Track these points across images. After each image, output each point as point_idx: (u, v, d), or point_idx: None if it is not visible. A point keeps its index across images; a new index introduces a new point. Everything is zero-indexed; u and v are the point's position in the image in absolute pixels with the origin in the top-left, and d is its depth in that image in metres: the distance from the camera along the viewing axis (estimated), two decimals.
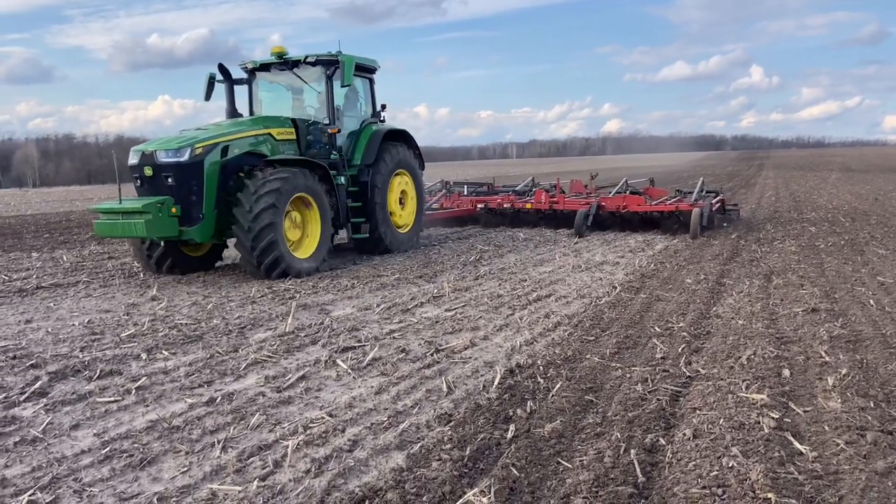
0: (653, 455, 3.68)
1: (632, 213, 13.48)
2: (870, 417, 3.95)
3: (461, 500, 3.22)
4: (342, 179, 10.51)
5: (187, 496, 3.37)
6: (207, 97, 11.07)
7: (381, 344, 6.03)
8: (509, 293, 8.10)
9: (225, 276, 9.62)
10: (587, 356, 5.47)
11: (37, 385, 4.93)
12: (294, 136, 10.28)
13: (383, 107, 11.75)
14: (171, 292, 8.55)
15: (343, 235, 11.17)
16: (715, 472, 3.31)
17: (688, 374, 4.98)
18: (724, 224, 14.13)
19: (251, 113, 11.11)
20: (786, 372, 4.88)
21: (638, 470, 3.46)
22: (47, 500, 3.31)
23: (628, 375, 4.97)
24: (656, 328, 6.26)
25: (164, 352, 5.85)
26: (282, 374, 5.23)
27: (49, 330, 6.56)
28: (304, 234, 9.72)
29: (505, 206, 14.93)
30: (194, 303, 7.86)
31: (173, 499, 3.34)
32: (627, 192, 15.10)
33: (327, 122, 10.54)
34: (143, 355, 5.75)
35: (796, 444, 3.69)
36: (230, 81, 11.05)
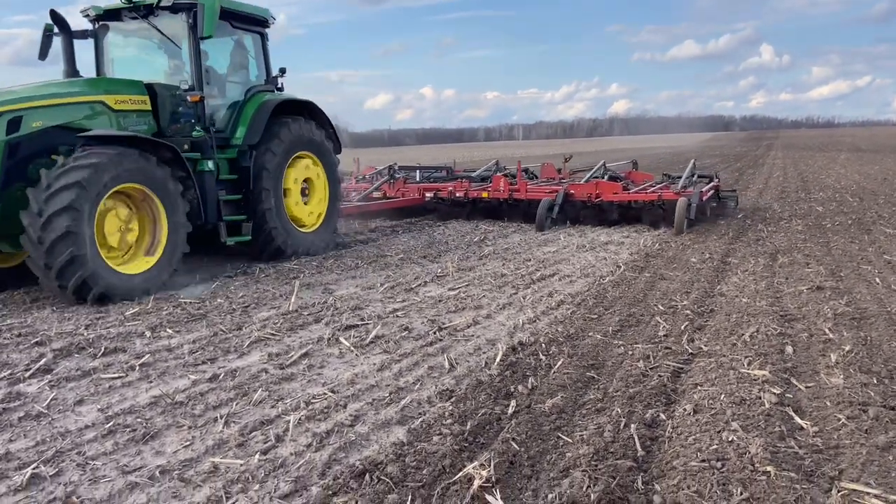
0: (653, 430, 3.68)
1: (608, 203, 11.51)
2: (872, 393, 3.93)
3: (461, 473, 3.24)
4: (209, 165, 8.05)
5: (189, 469, 3.40)
6: (42, 55, 8.48)
7: (383, 322, 6.04)
8: (513, 272, 8.08)
9: (230, 258, 9.64)
10: (589, 334, 5.47)
11: (42, 362, 4.96)
12: (148, 107, 7.91)
13: (282, 71, 9.40)
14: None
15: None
16: (715, 446, 3.32)
17: (690, 351, 4.97)
18: (719, 215, 12.33)
19: (98, 75, 8.70)
20: (789, 349, 4.86)
21: (638, 444, 3.47)
22: (51, 473, 3.35)
23: (630, 352, 4.96)
24: (659, 306, 6.25)
25: (168, 330, 5.88)
26: (285, 352, 5.25)
27: (54, 308, 6.60)
28: (143, 240, 7.27)
29: (458, 194, 12.76)
30: (199, 281, 7.89)
31: (175, 472, 3.37)
32: (605, 177, 13.21)
33: (189, 87, 8.13)
34: (148, 333, 5.78)
35: (797, 418, 3.68)
36: (68, 34, 8.35)
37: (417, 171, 15.32)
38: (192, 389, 4.48)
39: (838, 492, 2.88)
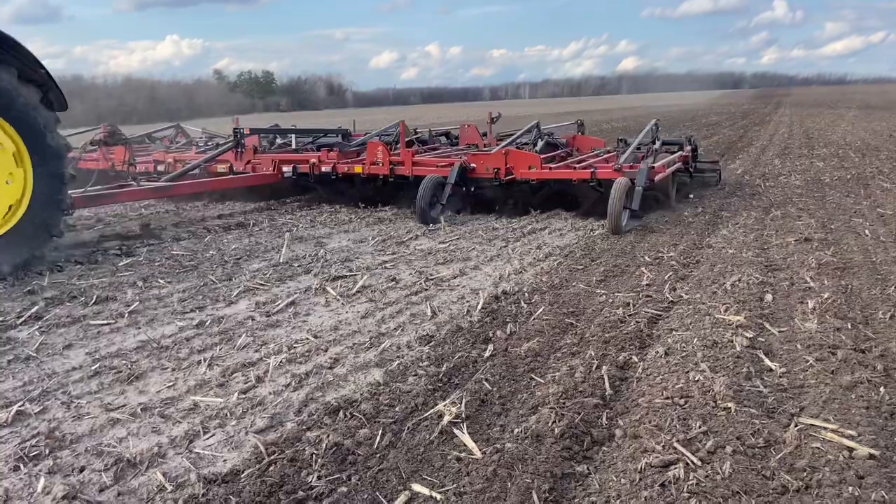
0: (624, 371, 3.76)
1: (522, 182, 8.57)
2: (844, 337, 3.99)
3: (432, 410, 3.33)
4: None
5: (170, 406, 3.51)
6: None
7: (371, 273, 6.10)
8: (505, 227, 8.12)
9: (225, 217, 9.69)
10: (573, 284, 5.52)
11: (33, 310, 5.06)
12: None
13: None
14: (169, 226, 8.65)
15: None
16: (680, 385, 3.39)
17: (671, 299, 5.02)
18: (691, 196, 9.53)
19: None
20: (768, 297, 4.91)
21: (607, 384, 3.54)
22: (36, 411, 3.46)
23: (611, 300, 5.02)
24: (646, 258, 6.28)
25: (159, 280, 5.97)
26: (272, 301, 5.33)
27: (48, 259, 6.68)
28: None
29: (323, 168, 9.52)
30: (192, 234, 7.97)
31: (156, 409, 3.48)
32: (539, 143, 10.07)
33: None
34: (140, 283, 5.87)
35: (766, 360, 3.74)
36: None
37: (292, 137, 11.79)
38: (178, 335, 4.57)
39: (795, 426, 2.95)
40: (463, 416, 3.26)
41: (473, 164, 8.75)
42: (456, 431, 3.12)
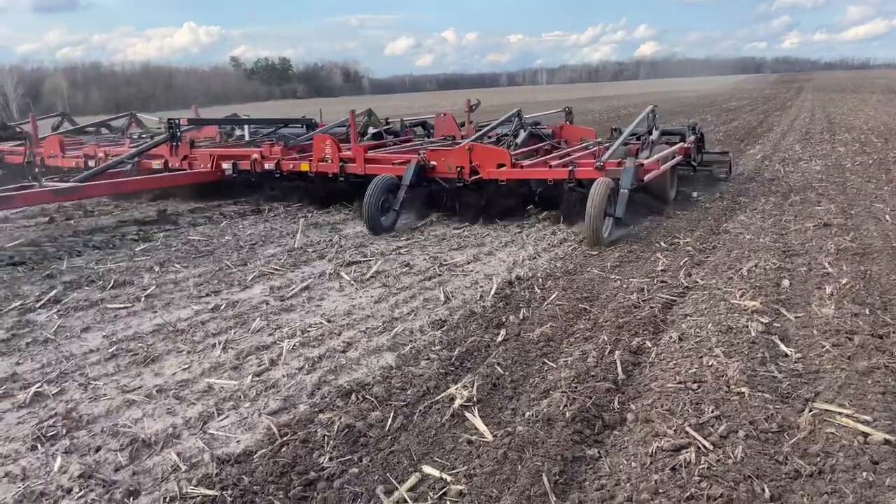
0: (637, 356, 3.74)
1: (490, 182, 7.28)
2: (861, 323, 3.93)
3: (444, 394, 3.33)
4: None
5: (185, 389, 3.55)
6: None
7: (386, 259, 6.11)
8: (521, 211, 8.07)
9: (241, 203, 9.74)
10: (588, 269, 5.49)
11: (52, 293, 5.14)
12: None
13: None
14: (185, 211, 8.71)
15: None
16: (693, 370, 3.36)
17: (686, 284, 4.98)
18: (695, 194, 8.47)
19: None
20: (785, 282, 4.85)
21: (619, 368, 3.53)
22: (53, 392, 3.52)
23: (625, 286, 4.99)
24: (662, 243, 6.23)
25: (175, 265, 6.02)
26: (286, 285, 5.36)
27: (66, 245, 6.77)
28: None
29: (267, 166, 8.48)
30: (209, 219, 8.03)
31: (172, 391, 3.52)
32: (521, 134, 8.80)
33: None
34: (156, 268, 5.93)
35: (782, 346, 3.70)
36: None
37: (245, 128, 10.59)
38: (193, 319, 4.62)
39: (810, 411, 2.92)
40: (474, 399, 3.27)
41: (433, 162, 7.41)
42: (467, 415, 3.13)
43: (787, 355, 3.61)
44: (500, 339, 4.07)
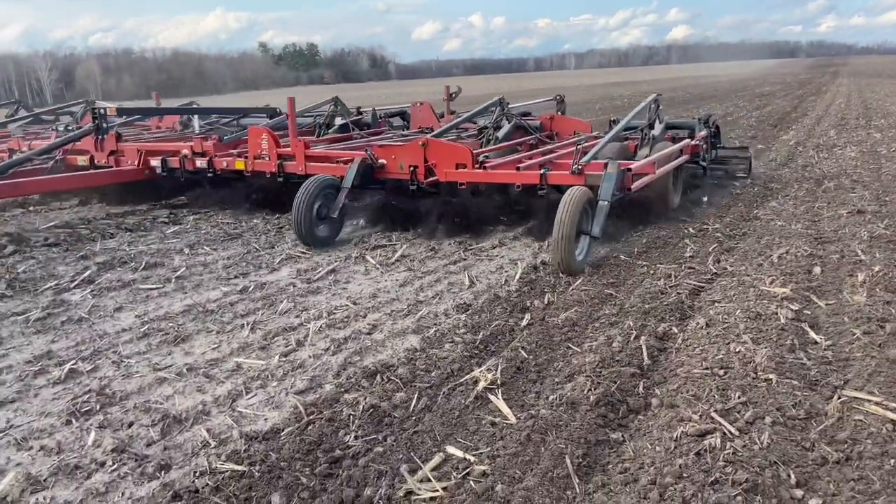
0: (663, 342, 3.71)
1: (450, 184, 6.33)
2: (893, 311, 3.85)
3: (467, 376, 3.35)
4: None
5: (214, 367, 3.62)
6: None
7: (411, 243, 6.14)
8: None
9: None
10: (614, 255, 5.45)
11: (86, 274, 5.26)
12: None
13: None
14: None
15: None
16: (720, 356, 3.33)
17: (714, 271, 4.92)
18: (705, 199, 7.33)
19: None
20: (816, 269, 4.77)
21: (645, 354, 3.51)
22: (87, 369, 3.61)
23: (652, 272, 4.95)
24: (690, 229, 6.15)
25: (205, 247, 6.12)
26: (313, 268, 5.42)
27: (99, 227, 6.91)
28: None
29: (199, 164, 7.47)
30: (237, 204, 8.12)
31: (202, 369, 3.59)
32: (504, 126, 7.78)
33: None
34: (186, 250, 6.03)
35: (811, 333, 3.65)
36: None
37: (195, 119, 9.14)
38: (222, 300, 4.69)
39: (839, 399, 2.88)
40: (498, 382, 3.28)
41: (383, 160, 6.40)
42: (491, 397, 3.14)
43: (816, 343, 3.56)
44: (524, 323, 4.07)
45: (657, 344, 3.67)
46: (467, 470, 2.59)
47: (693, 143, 7.35)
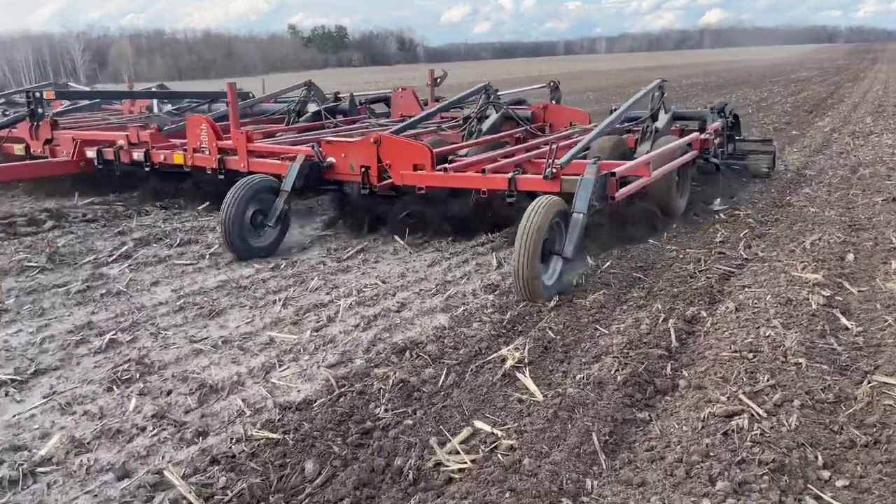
0: (691, 325, 3.72)
1: (407, 188, 5.50)
2: None
3: (495, 354, 3.40)
4: None
5: (248, 341, 3.71)
6: None
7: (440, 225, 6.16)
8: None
9: None
10: (645, 239, 5.43)
11: (123, 249, 5.40)
12: None
13: None
14: None
15: None
16: (750, 340, 3.33)
17: (745, 256, 4.89)
18: (717, 201, 6.52)
19: None
20: (849, 256, 4.71)
21: (673, 336, 3.52)
22: (127, 339, 3.73)
23: (682, 256, 4.93)
24: (721, 215, 6.10)
25: None
26: (343, 248, 5.50)
27: (134, 205, 7.06)
28: None
29: (136, 156, 6.75)
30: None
31: (236, 342, 3.69)
32: (490, 116, 6.94)
33: None
34: (219, 228, 6.12)
35: (843, 319, 3.62)
36: None
37: (154, 103, 9.04)
38: (255, 276, 4.79)
39: (868, 384, 2.87)
40: (525, 361, 3.32)
41: (331, 159, 5.55)
42: (518, 375, 3.19)
43: (847, 328, 3.53)
44: (552, 304, 4.10)
45: (685, 327, 3.67)
46: (495, 444, 2.64)
47: (703, 136, 6.42)
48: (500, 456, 2.53)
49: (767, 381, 2.91)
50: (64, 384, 3.26)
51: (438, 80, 9.03)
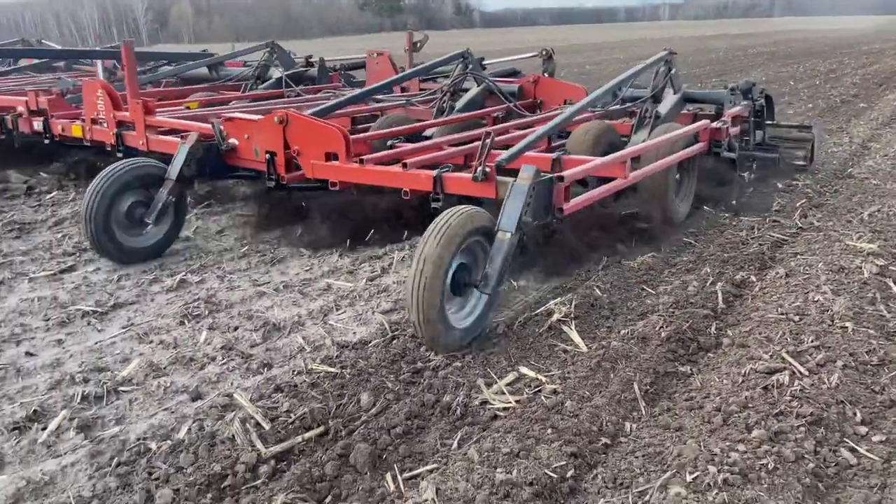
0: (740, 289, 3.75)
1: (326, 187, 4.34)
2: None
3: (542, 308, 3.51)
4: None
5: (308, 286, 3.92)
6: None
7: None
8: None
9: None
10: (695, 204, 5.41)
11: (189, 200, 5.67)
12: None
13: None
14: None
15: None
16: (798, 304, 3.36)
17: (800, 225, 4.84)
18: (732, 203, 5.35)
19: None
20: None
21: (720, 298, 3.57)
22: (196, 281, 3.99)
23: (734, 223, 4.92)
24: (778, 184, 6.01)
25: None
26: None
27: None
28: None
29: (37, 125, 5.88)
30: None
31: (296, 287, 3.90)
32: (470, 91, 5.99)
33: None
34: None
35: (895, 288, 3.60)
36: None
37: (98, 64, 7.49)
38: None
39: None
40: (572, 315, 3.42)
41: (234, 140, 4.52)
42: (564, 328, 3.30)
43: None
44: (600, 266, 4.17)
45: (733, 290, 3.71)
46: (539, 388, 2.77)
47: (714, 125, 5.13)
48: (543, 398, 2.66)
49: (812, 342, 2.95)
50: (140, 317, 3.54)
51: (418, 44, 7.79)
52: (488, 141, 3.46)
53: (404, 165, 3.91)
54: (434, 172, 3.71)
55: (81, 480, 2.29)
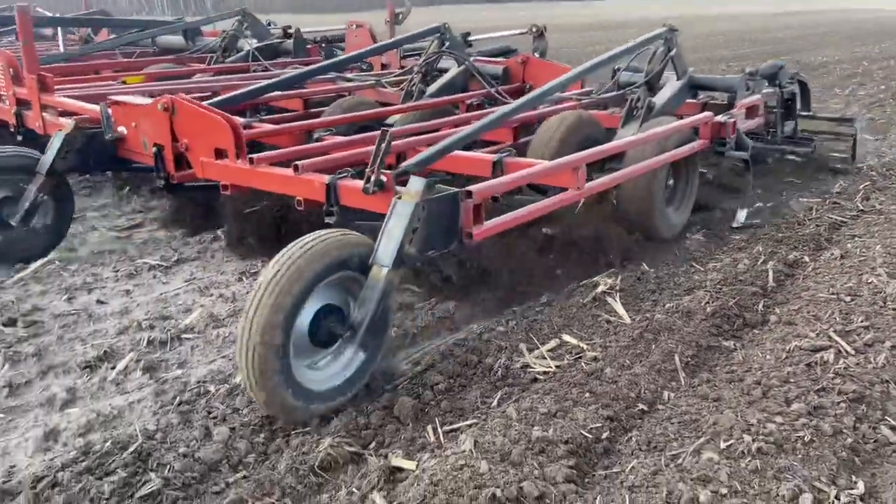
0: (792, 269, 3.69)
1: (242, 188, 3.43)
2: None
3: (588, 280, 3.54)
4: None
5: None
6: None
7: None
8: None
9: None
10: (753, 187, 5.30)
11: None
12: None
13: None
14: None
15: None
16: (850, 285, 3.30)
17: (861, 208, 4.71)
18: (743, 213, 4.56)
19: None
20: None
21: (771, 277, 3.53)
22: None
23: (792, 202, 4.82)
24: (839, 165, 5.82)
25: None
26: None
27: None
28: None
29: None
30: None
31: None
32: (448, 73, 5.26)
33: None
34: None
35: None
36: None
37: (58, 31, 7.33)
38: None
39: None
40: (617, 288, 3.44)
41: (122, 129, 3.75)
42: (608, 300, 3.32)
43: None
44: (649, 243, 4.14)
45: (785, 270, 3.66)
46: (580, 355, 2.83)
47: (717, 119, 4.23)
48: (583, 364, 2.72)
49: (861, 322, 2.91)
50: (201, 272, 3.73)
51: (400, 16, 6.90)
52: (384, 142, 2.66)
53: (296, 168, 3.04)
54: (327, 179, 2.92)
55: (146, 416, 2.47)
